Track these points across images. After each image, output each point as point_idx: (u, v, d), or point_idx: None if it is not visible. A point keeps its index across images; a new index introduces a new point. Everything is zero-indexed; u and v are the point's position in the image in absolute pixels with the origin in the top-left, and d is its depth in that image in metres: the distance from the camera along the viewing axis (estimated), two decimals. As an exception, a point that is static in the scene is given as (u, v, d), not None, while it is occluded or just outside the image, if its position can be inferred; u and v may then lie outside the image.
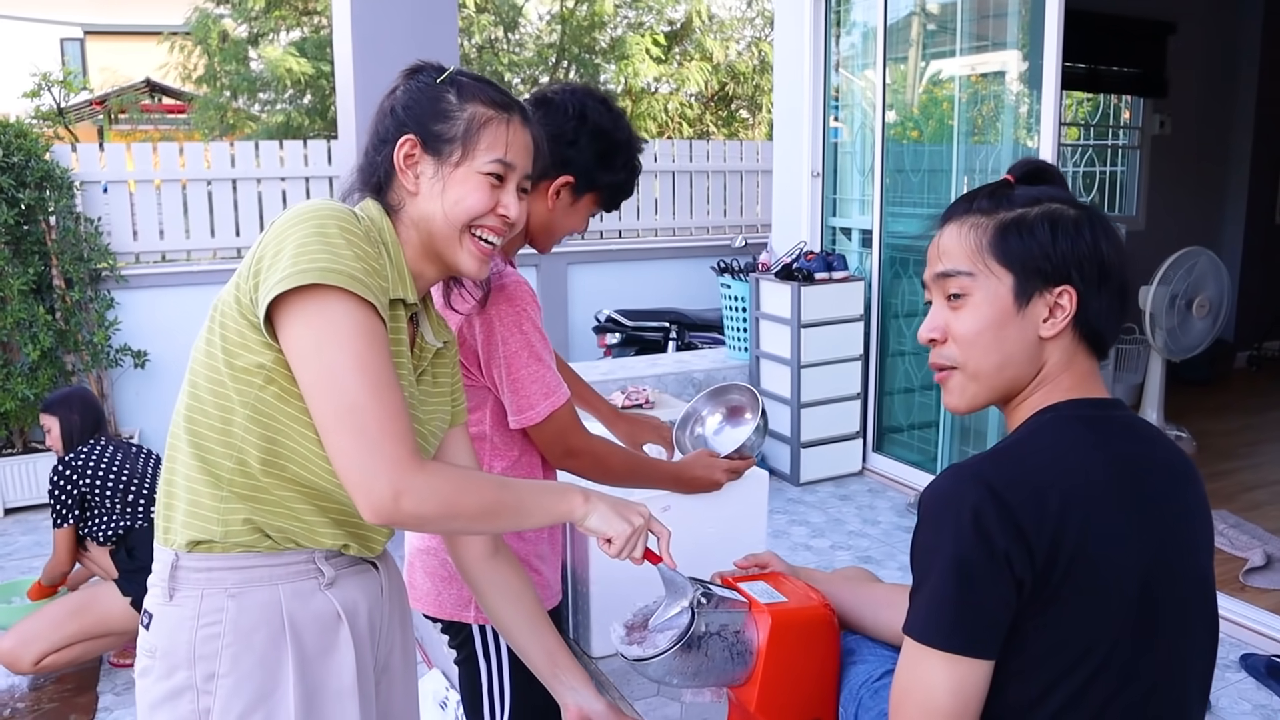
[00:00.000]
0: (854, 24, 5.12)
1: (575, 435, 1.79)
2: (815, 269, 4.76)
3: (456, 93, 1.37)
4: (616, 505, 1.41)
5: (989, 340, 1.22)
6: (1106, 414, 1.23)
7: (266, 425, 1.25)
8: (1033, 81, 4.16)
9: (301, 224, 1.22)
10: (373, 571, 1.45)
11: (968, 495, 1.11)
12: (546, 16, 12.32)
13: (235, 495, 1.27)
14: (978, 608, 1.10)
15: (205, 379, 1.27)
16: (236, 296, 1.25)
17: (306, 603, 1.32)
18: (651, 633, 1.48)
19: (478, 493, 1.30)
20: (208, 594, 1.28)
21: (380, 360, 1.22)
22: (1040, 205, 1.23)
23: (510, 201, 1.38)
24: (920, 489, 4.56)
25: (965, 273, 1.23)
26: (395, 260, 1.34)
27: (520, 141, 1.39)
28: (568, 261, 6.85)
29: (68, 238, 5.22)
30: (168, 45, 12.47)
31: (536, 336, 1.71)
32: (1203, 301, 4.80)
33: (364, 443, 1.19)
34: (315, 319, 1.19)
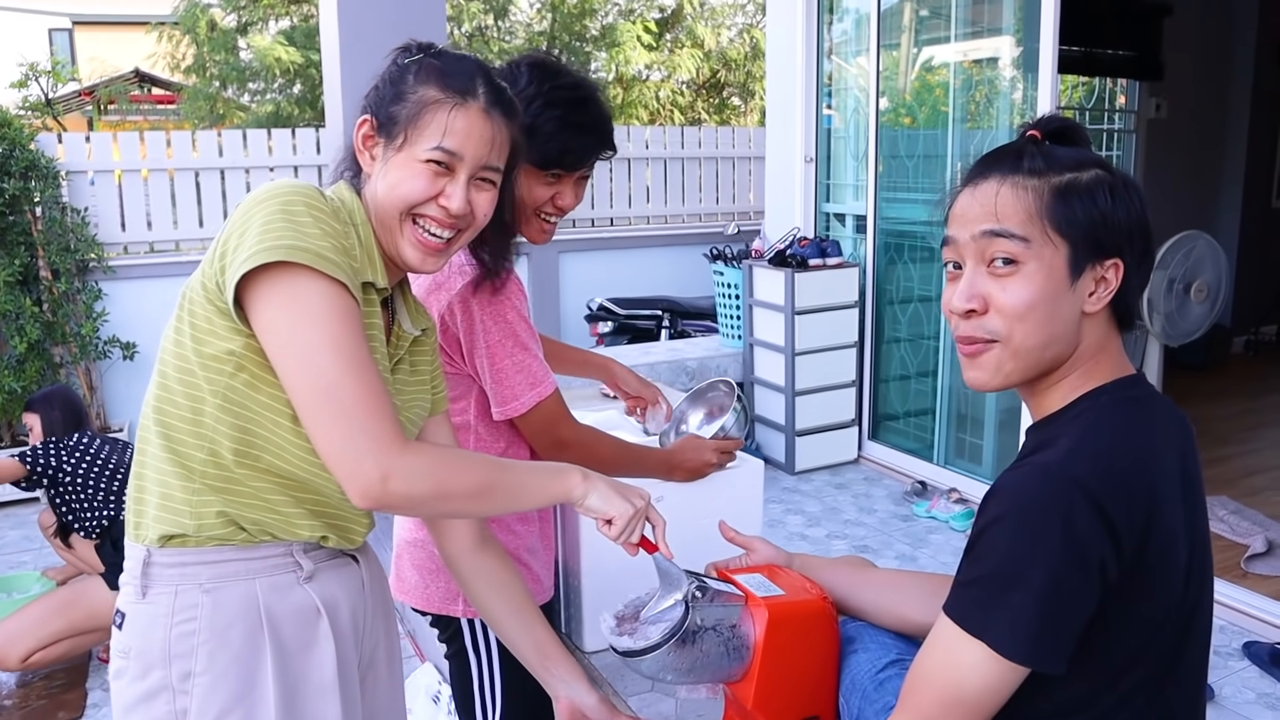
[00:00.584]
0: (847, 9, 5.07)
1: (564, 426, 1.74)
2: (809, 255, 4.72)
3: (415, 74, 1.31)
4: (617, 486, 1.37)
5: (1041, 315, 1.12)
6: (1145, 392, 1.18)
7: (238, 414, 1.21)
8: (1028, 65, 4.11)
9: (266, 203, 1.18)
10: (353, 565, 1.40)
11: (1060, 498, 1.04)
12: (537, 4, 12.25)
13: (208, 487, 1.23)
14: (1062, 621, 1.06)
15: (174, 368, 1.23)
16: (203, 282, 1.21)
17: (285, 597, 1.28)
18: (643, 625, 1.43)
19: (470, 472, 1.25)
20: (182, 590, 1.24)
21: (356, 339, 1.18)
22: (1088, 169, 1.14)
23: (455, 192, 1.30)
24: (917, 476, 4.54)
25: (1020, 237, 1.11)
26: (365, 242, 1.30)
27: (472, 129, 1.29)
28: (559, 250, 6.80)
29: (54, 228, 5.16)
30: (156, 35, 12.36)
31: (521, 325, 1.66)
32: (1200, 286, 4.75)
33: (347, 423, 1.14)
34: (285, 299, 1.15)
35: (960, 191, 1.20)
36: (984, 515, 1.11)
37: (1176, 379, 5.36)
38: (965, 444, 4.56)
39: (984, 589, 1.08)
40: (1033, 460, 1.11)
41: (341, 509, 1.31)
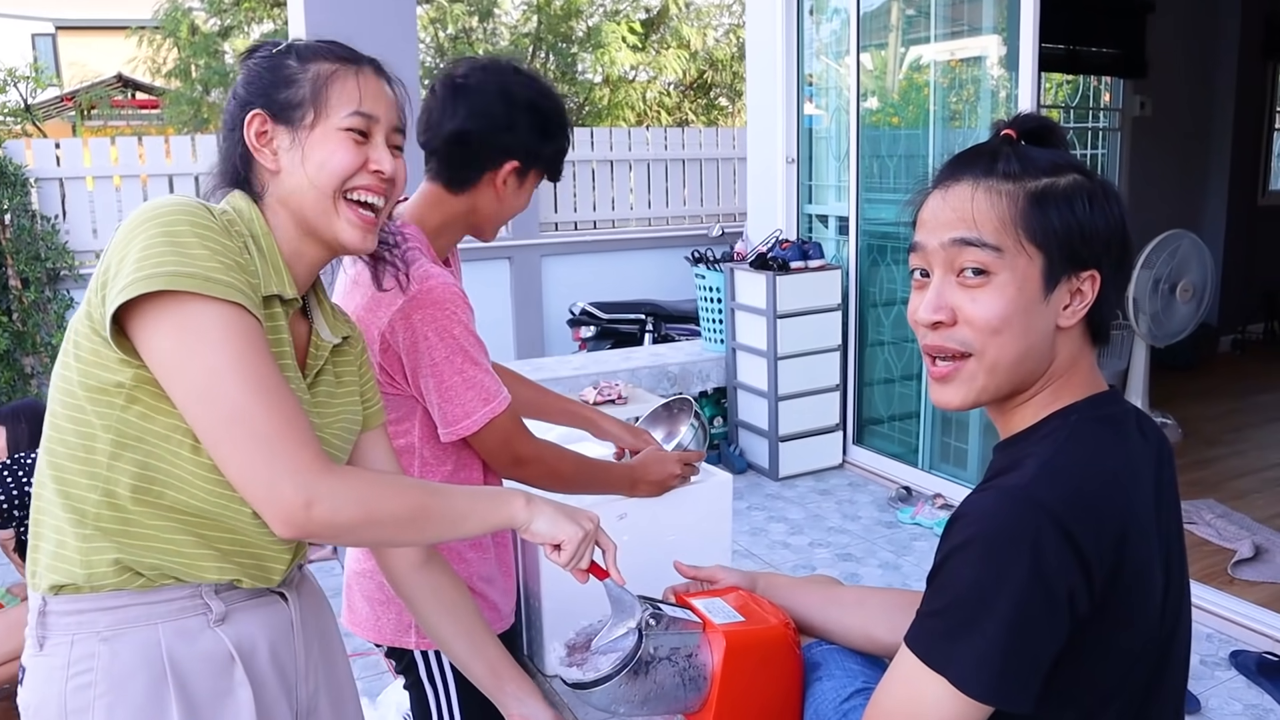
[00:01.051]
0: (828, 8, 5.01)
1: (521, 442, 1.68)
2: (791, 258, 4.65)
3: (296, 57, 1.25)
4: (564, 509, 1.30)
5: (1015, 329, 1.05)
6: (1120, 410, 1.12)
7: (134, 448, 1.12)
8: (1010, 64, 4.06)
9: (146, 226, 1.09)
10: (279, 603, 1.30)
11: (1027, 526, 0.97)
12: (522, 5, 12.19)
13: (101, 532, 1.14)
14: (1028, 657, 0.99)
15: (62, 405, 1.15)
16: (88, 312, 1.12)
17: (192, 642, 1.18)
18: (594, 655, 1.37)
19: (400, 496, 1.18)
20: (78, 639, 1.15)
21: (260, 359, 1.10)
22: (1065, 174, 1.06)
23: (382, 156, 1.25)
24: (902, 482, 4.48)
25: (993, 246, 1.03)
26: (268, 252, 1.21)
27: (377, 91, 1.26)
28: (542, 253, 6.74)
29: (23, 236, 5.08)
30: (137, 39, 12.29)
31: (469, 339, 1.58)
32: (1186, 285, 4.71)
33: (260, 449, 1.07)
34: (172, 328, 1.07)
35: (930, 193, 1.12)
36: (948, 541, 1.04)
37: (1163, 379, 5.31)
38: (950, 448, 4.51)
39: (947, 621, 1.01)
40: (998, 484, 1.04)
41: (256, 545, 1.22)
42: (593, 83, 12.11)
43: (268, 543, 1.23)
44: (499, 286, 6.60)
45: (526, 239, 6.60)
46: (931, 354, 1.11)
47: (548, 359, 5.39)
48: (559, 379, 4.63)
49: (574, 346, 6.19)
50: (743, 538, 4.02)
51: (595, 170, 7.16)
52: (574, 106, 12.34)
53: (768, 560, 3.82)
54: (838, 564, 3.79)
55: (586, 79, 12.18)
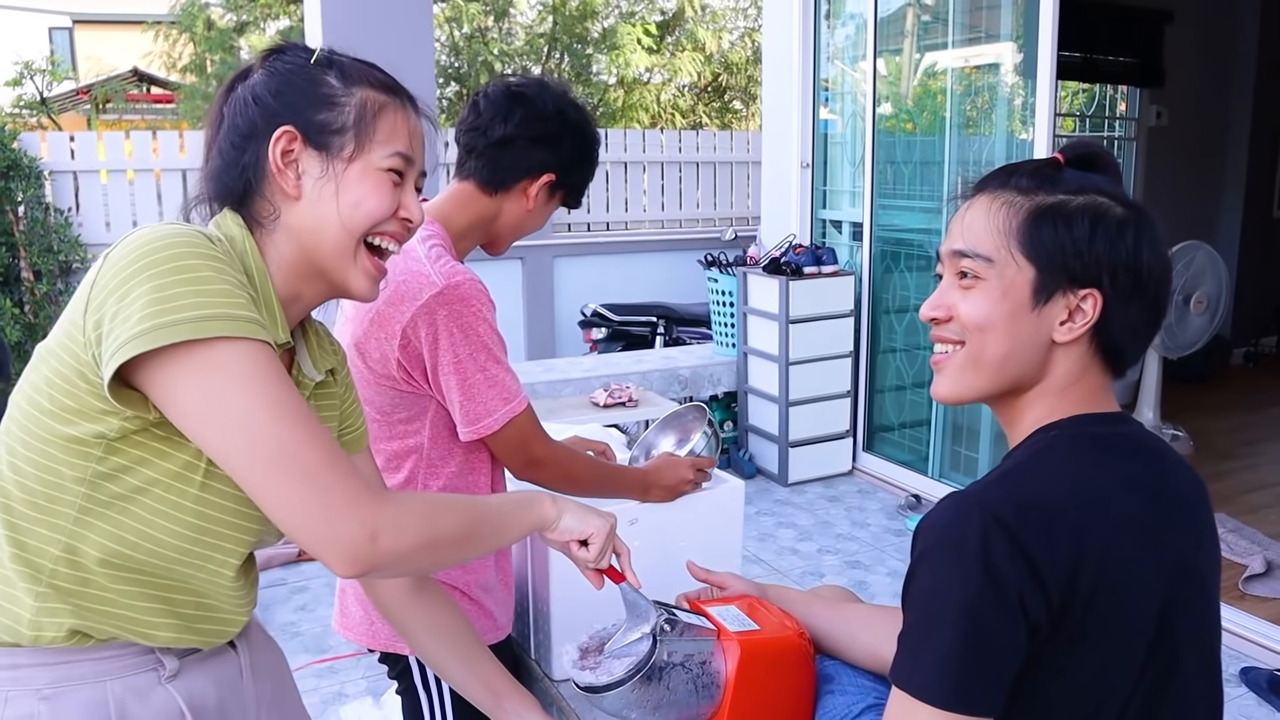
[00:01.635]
0: (845, 14, 5.00)
1: (538, 443, 1.67)
2: (804, 263, 4.64)
3: (338, 75, 1.14)
4: (585, 506, 1.31)
5: (999, 329, 1.10)
6: (1118, 431, 1.11)
7: (108, 505, 1.03)
8: (1027, 71, 4.04)
9: (152, 261, 0.97)
10: (229, 653, 1.23)
11: (971, 527, 0.98)
12: (538, 6, 12.20)
13: (56, 592, 1.04)
14: (988, 661, 0.98)
15: (26, 446, 1.03)
16: (73, 350, 1.00)
17: (143, 700, 1.09)
18: (607, 658, 1.36)
19: (453, 515, 1.13)
20: (13, 698, 1.04)
21: (291, 394, 1.02)
22: (1085, 195, 1.09)
23: (411, 202, 1.17)
24: (912, 489, 4.47)
25: (984, 257, 1.10)
26: (262, 291, 1.10)
27: (418, 131, 1.19)
28: (554, 254, 6.74)
29: (36, 229, 5.09)
30: (154, 34, 12.33)
31: (492, 338, 1.59)
32: (1200, 297, 4.69)
33: (314, 487, 0.99)
34: (198, 374, 0.97)
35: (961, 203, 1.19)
36: (912, 555, 1.06)
37: (1175, 391, 5.29)
38: (960, 457, 4.49)
39: (910, 637, 1.03)
40: (954, 492, 1.06)
41: (221, 608, 1.16)
42: (607, 84, 12.12)
43: (233, 606, 1.17)
44: (511, 287, 6.60)
45: (539, 239, 6.61)
46: (935, 343, 1.19)
47: (559, 360, 5.39)
48: (569, 380, 4.62)
49: (585, 348, 6.19)
50: (751, 543, 4.01)
51: (609, 172, 7.16)
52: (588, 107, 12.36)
53: (776, 566, 3.81)
54: (846, 571, 3.77)
55: (601, 80, 12.18)
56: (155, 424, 1.02)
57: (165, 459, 1.04)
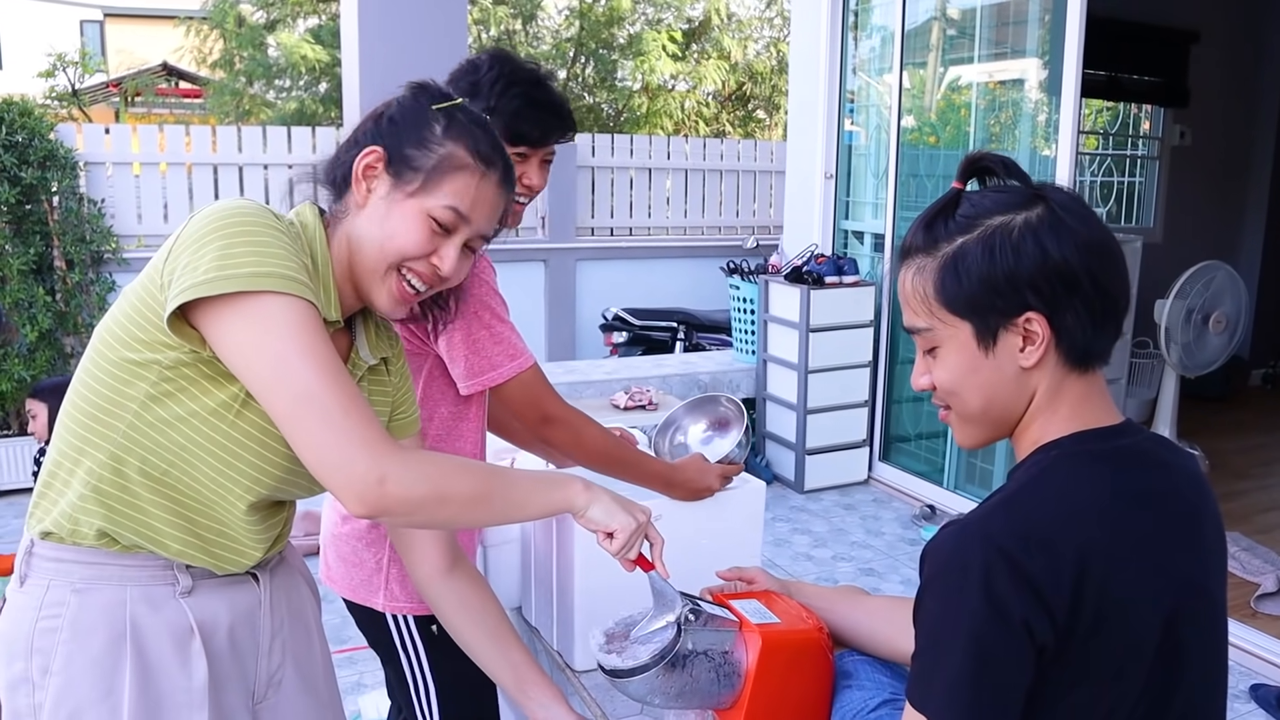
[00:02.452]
0: (872, 27, 5.04)
1: (549, 401, 1.74)
2: (825, 272, 4.68)
3: (445, 125, 1.27)
4: (619, 499, 1.34)
5: (969, 386, 1.12)
6: (1115, 445, 1.11)
7: (153, 425, 1.18)
8: (1052, 88, 4.08)
9: (225, 223, 1.13)
10: (249, 583, 1.35)
11: (975, 558, 1.01)
12: (565, 10, 12.27)
13: (96, 494, 1.20)
14: (998, 683, 1.01)
15: (98, 366, 1.20)
16: (150, 290, 1.17)
17: (156, 609, 1.24)
18: (632, 644, 1.40)
19: (467, 477, 1.22)
20: (54, 585, 1.22)
21: (329, 350, 1.15)
22: (978, 226, 1.09)
23: (449, 254, 1.27)
24: (926, 500, 4.50)
25: (924, 328, 1.13)
26: (322, 271, 1.25)
27: (489, 201, 1.29)
28: (576, 258, 6.79)
29: (70, 218, 5.17)
30: (185, 29, 12.46)
31: (494, 299, 1.67)
32: (1219, 317, 4.70)
33: (333, 428, 1.11)
34: (246, 320, 1.12)
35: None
36: (920, 577, 1.09)
37: (1192, 410, 5.30)
38: (976, 469, 4.52)
39: (922, 660, 1.06)
40: (958, 519, 1.08)
41: (239, 540, 1.28)
42: (632, 90, 12.18)
43: (249, 539, 1.29)
44: (533, 289, 6.65)
45: (562, 242, 6.66)
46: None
47: (579, 362, 5.44)
48: (590, 382, 4.67)
49: (606, 351, 6.23)
50: (766, 548, 4.05)
51: (633, 177, 7.21)
52: (612, 113, 12.41)
53: (790, 571, 3.84)
54: (860, 578, 3.81)
55: (626, 86, 12.25)
56: (204, 361, 1.17)
57: (207, 394, 1.18)
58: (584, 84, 12.37)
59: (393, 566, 1.74)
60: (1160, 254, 5.90)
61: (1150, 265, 5.13)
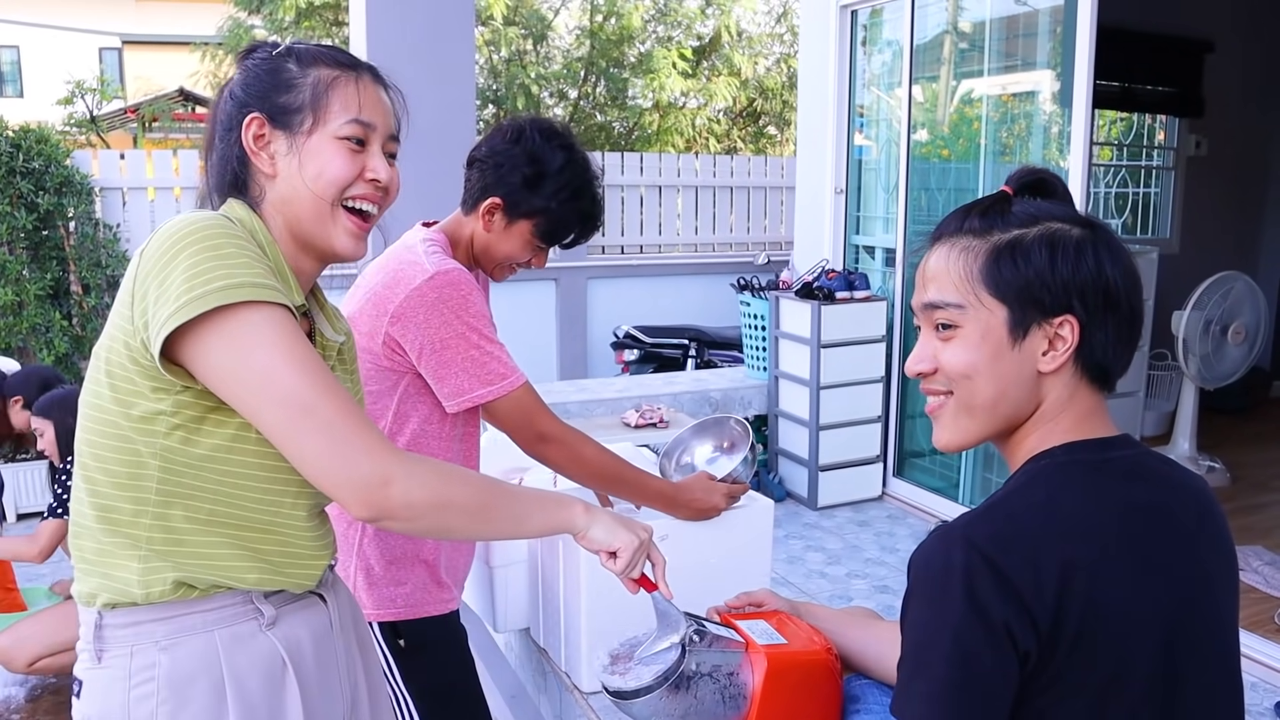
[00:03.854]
0: (881, 41, 5.03)
1: (543, 419, 1.75)
2: (836, 288, 4.66)
3: (296, 61, 1.25)
4: (620, 518, 1.34)
5: (984, 374, 1.10)
6: (1108, 456, 1.10)
7: (183, 472, 1.15)
8: (1064, 100, 4.05)
9: (184, 245, 1.10)
10: (319, 604, 1.33)
11: (955, 560, 1.00)
12: (575, 30, 12.33)
13: (156, 554, 1.16)
14: (979, 689, 0.99)
15: (102, 435, 1.16)
16: (125, 340, 1.13)
17: (247, 647, 1.21)
18: (636, 665, 1.39)
19: (468, 487, 1.22)
20: (138, 650, 1.17)
21: (313, 355, 1.13)
22: (1039, 225, 1.10)
23: (378, 165, 1.26)
24: (941, 516, 4.45)
25: (954, 304, 1.11)
26: (274, 260, 1.22)
27: (374, 99, 1.27)
28: (588, 276, 6.79)
29: (86, 243, 5.22)
30: (200, 54, 12.59)
31: (483, 322, 1.70)
32: (1238, 328, 4.65)
33: (333, 437, 1.10)
34: (225, 338, 1.09)
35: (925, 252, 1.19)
36: (906, 586, 1.08)
37: (1212, 422, 5.24)
38: (991, 484, 4.47)
39: (905, 669, 1.05)
40: (941, 526, 1.07)
41: (302, 550, 1.25)
42: (642, 108, 12.21)
43: (312, 548, 1.27)
44: (544, 307, 6.66)
45: (573, 261, 6.67)
46: (928, 396, 1.19)
47: (590, 380, 5.43)
48: (601, 400, 4.66)
49: (617, 369, 6.22)
50: (780, 566, 4.02)
51: (644, 195, 7.22)
52: (623, 131, 12.44)
53: (804, 589, 3.81)
54: (875, 596, 3.77)
55: (636, 104, 12.28)
56: (203, 394, 1.14)
57: (221, 426, 1.15)
58: (595, 102, 12.42)
59: (359, 574, 1.75)
60: (1177, 265, 5.85)
61: (1167, 276, 5.08)
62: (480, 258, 1.85)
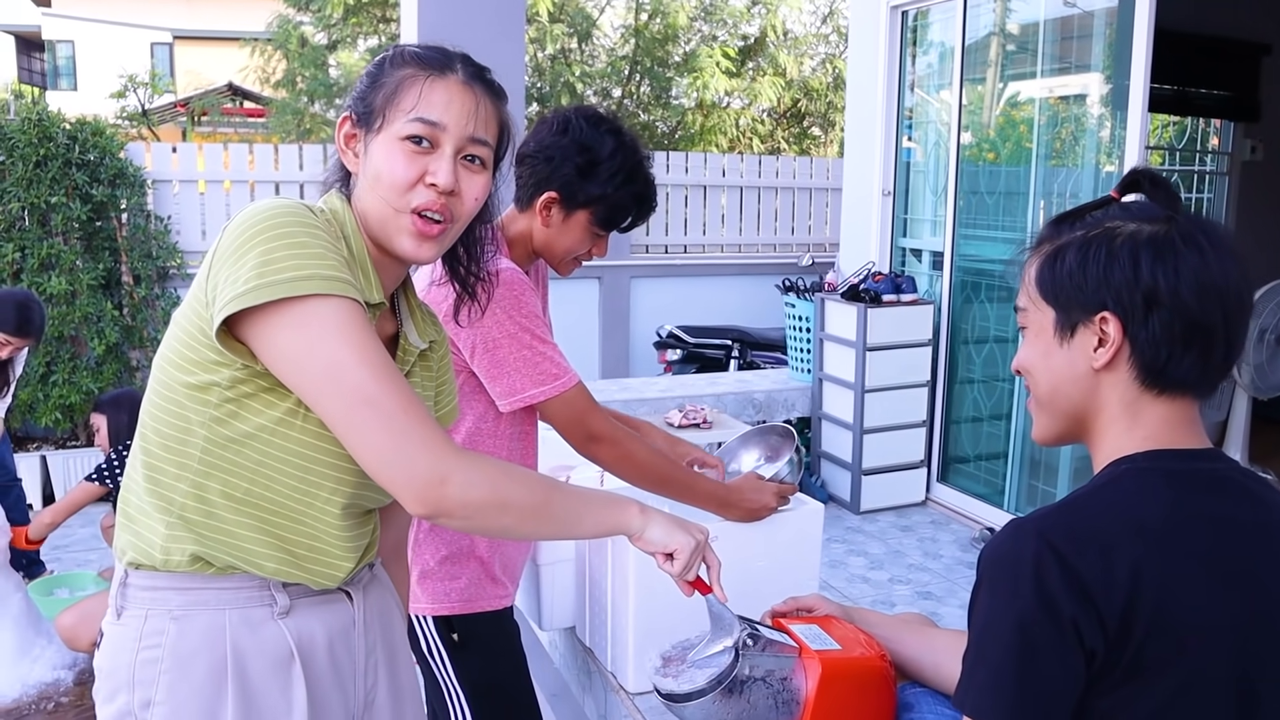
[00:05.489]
0: (930, 43, 4.99)
1: (595, 419, 1.75)
2: (883, 291, 4.62)
3: (390, 60, 1.25)
4: (676, 520, 1.33)
5: (1039, 369, 1.16)
6: (1192, 467, 1.09)
7: (227, 446, 1.16)
8: (1117, 103, 3.99)
9: (260, 229, 1.10)
10: (343, 601, 1.31)
11: (1026, 552, 1.01)
12: (620, 29, 12.33)
13: (184, 523, 1.18)
14: (1043, 682, 0.99)
15: (162, 398, 1.18)
16: (196, 310, 1.15)
17: (255, 631, 1.21)
18: (689, 668, 1.38)
19: (527, 486, 1.20)
20: (152, 614, 1.19)
21: (377, 347, 1.13)
22: (1099, 226, 1.12)
23: (441, 168, 1.20)
24: (986, 522, 4.41)
25: (1022, 307, 1.19)
26: (358, 255, 1.22)
27: (448, 98, 1.22)
28: (631, 275, 6.79)
29: (137, 235, 5.30)
30: (250, 49, 12.75)
31: (534, 320, 1.70)
32: (1294, 338, 4.56)
33: (393, 431, 1.10)
34: (294, 327, 1.10)
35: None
36: (976, 578, 1.09)
37: (1266, 433, 5.14)
38: (1038, 491, 4.42)
39: (969, 660, 1.05)
40: (1020, 517, 1.08)
41: (329, 548, 1.25)
42: (686, 107, 12.19)
43: (340, 548, 1.25)
44: (587, 306, 6.67)
45: (617, 260, 6.67)
46: None
47: (633, 380, 5.44)
48: (644, 400, 4.66)
49: (659, 369, 6.22)
50: (822, 570, 3.97)
51: (688, 195, 7.20)
52: (666, 130, 12.43)
53: (846, 594, 3.79)
54: (917, 602, 3.74)
55: (680, 104, 12.26)
56: (260, 375, 1.14)
57: (270, 407, 1.16)
58: (639, 101, 12.41)
59: (414, 569, 1.75)
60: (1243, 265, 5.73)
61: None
62: (543, 253, 1.85)
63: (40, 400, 5.06)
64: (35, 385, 5.03)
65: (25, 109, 5.16)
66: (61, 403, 5.07)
